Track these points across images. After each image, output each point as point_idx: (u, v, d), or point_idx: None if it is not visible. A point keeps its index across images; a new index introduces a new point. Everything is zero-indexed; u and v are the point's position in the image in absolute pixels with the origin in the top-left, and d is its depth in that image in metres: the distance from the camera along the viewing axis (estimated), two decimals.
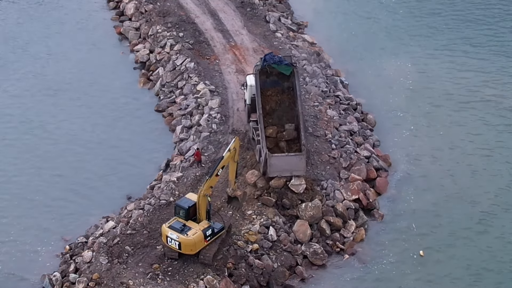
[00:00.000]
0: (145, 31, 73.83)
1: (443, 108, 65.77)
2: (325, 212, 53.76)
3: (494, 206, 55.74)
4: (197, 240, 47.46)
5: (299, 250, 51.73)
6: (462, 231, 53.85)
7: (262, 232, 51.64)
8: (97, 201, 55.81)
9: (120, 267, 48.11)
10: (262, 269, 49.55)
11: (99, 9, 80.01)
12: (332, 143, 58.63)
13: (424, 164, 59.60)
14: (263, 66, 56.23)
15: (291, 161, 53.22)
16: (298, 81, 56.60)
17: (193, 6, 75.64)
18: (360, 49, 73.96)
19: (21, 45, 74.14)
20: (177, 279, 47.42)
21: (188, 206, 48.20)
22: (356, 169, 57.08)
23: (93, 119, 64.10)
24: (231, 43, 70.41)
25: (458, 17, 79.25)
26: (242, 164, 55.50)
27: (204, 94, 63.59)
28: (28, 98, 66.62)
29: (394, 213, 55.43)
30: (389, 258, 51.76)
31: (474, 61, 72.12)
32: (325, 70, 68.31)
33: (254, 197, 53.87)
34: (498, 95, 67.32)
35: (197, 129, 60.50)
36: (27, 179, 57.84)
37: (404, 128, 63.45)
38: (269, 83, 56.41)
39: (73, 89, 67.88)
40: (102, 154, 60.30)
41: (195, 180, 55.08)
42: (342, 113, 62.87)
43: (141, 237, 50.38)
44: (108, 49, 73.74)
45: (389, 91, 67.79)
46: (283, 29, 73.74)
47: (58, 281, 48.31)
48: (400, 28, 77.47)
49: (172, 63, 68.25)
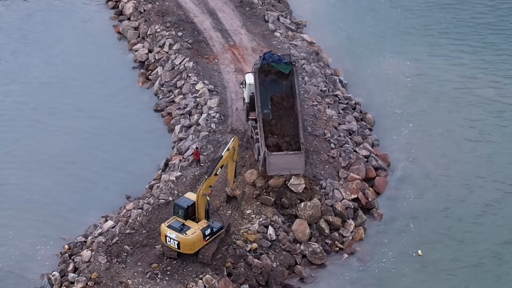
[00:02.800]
0: (144, 30, 73.77)
1: (443, 108, 65.73)
2: (324, 212, 53.73)
3: (494, 205, 55.69)
4: (196, 240, 47.44)
5: (298, 250, 51.70)
6: (461, 230, 53.82)
7: (261, 232, 51.62)
8: (96, 201, 55.77)
9: (119, 267, 48.09)
10: (261, 268, 49.54)
11: (98, 8, 79.85)
12: (331, 143, 58.59)
13: (423, 163, 59.55)
14: (262, 65, 56.17)
15: (290, 160, 53.13)
16: (297, 79, 56.54)
17: (192, 5, 75.56)
18: (359, 48, 73.87)
19: (20, 45, 74.02)
20: (176, 278, 47.40)
21: (187, 205, 48.18)
22: (355, 168, 57.05)
23: (92, 118, 64.00)
24: (230, 42, 70.36)
25: (457, 16, 79.14)
26: (241, 164, 55.45)
27: (203, 94, 63.56)
28: (26, 97, 66.46)
29: (393, 212, 55.42)
30: (388, 258, 51.75)
31: (473, 60, 72.03)
32: (324, 70, 68.26)
33: (253, 196, 53.83)
34: (497, 94, 67.24)
35: (196, 129, 60.46)
36: (26, 178, 57.74)
37: (403, 128, 63.39)
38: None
39: (72, 88, 67.77)
40: (100, 153, 60.22)
41: (194, 179, 55.06)
42: (341, 113, 62.83)
43: (140, 237, 50.35)
44: (107, 48, 73.63)
45: (388, 90, 67.72)
46: (282, 28, 73.68)
47: (57, 281, 48.28)
48: (399, 27, 77.38)
49: (171, 63, 68.19)
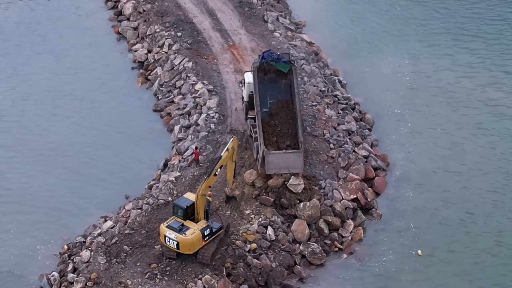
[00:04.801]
0: (143, 30, 73.76)
1: (442, 107, 65.73)
2: (323, 212, 53.73)
3: (493, 204, 55.71)
4: (195, 240, 47.45)
5: (297, 250, 51.70)
6: (460, 230, 53.85)
7: (260, 232, 51.62)
8: (95, 201, 55.78)
9: (118, 267, 48.09)
10: (260, 268, 49.54)
11: (97, 8, 79.85)
12: (330, 143, 58.60)
13: (423, 163, 59.57)
14: (261, 63, 56.17)
15: (289, 158, 53.13)
16: (296, 78, 56.54)
17: (191, 5, 75.58)
18: (359, 48, 73.92)
19: (18, 45, 74.01)
20: (175, 278, 47.41)
21: (186, 205, 48.20)
22: (354, 168, 57.06)
23: (91, 119, 64.01)
24: (229, 42, 70.36)
25: (456, 16, 79.20)
26: (240, 164, 55.47)
27: (202, 94, 63.56)
28: (26, 98, 66.47)
29: (392, 212, 55.43)
30: (387, 258, 51.74)
31: (472, 59, 72.05)
32: (323, 70, 68.27)
33: (252, 196, 53.86)
34: (497, 93, 67.27)
35: (195, 129, 60.46)
36: (25, 178, 57.76)
37: (403, 128, 63.41)
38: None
39: (71, 88, 67.78)
40: (100, 154, 60.22)
41: (193, 179, 55.08)
42: (340, 113, 62.82)
43: (139, 237, 50.36)
44: (106, 48, 73.64)
45: (388, 90, 67.74)
46: (281, 28, 73.68)
47: (56, 281, 48.34)
48: (398, 27, 77.39)
49: (170, 63, 68.20)
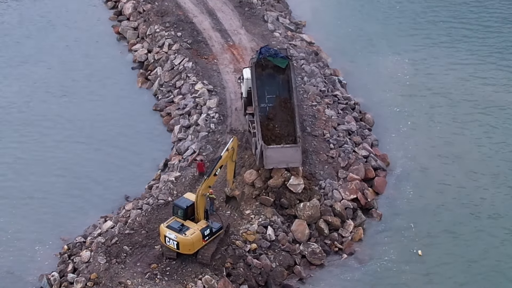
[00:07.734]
0: (143, 30, 73.78)
1: (442, 107, 65.77)
2: (323, 212, 53.73)
3: (493, 204, 55.73)
4: (195, 240, 47.42)
5: (297, 250, 51.69)
6: (460, 230, 53.84)
7: (260, 232, 51.61)
8: (95, 201, 55.76)
9: (118, 267, 48.07)
10: (260, 268, 49.53)
11: (97, 8, 79.95)
12: (330, 143, 58.59)
13: (423, 163, 59.58)
14: (258, 59, 56.17)
15: (287, 153, 53.18)
16: (294, 74, 56.53)
17: (191, 5, 75.60)
18: (358, 48, 73.96)
19: (18, 45, 74.04)
20: (175, 279, 47.39)
21: (186, 206, 48.16)
22: (354, 168, 57.06)
23: (91, 119, 63.98)
24: (229, 42, 70.36)
25: (456, 15, 79.28)
26: (240, 164, 55.47)
27: (202, 94, 63.55)
28: (25, 98, 66.46)
29: (392, 212, 55.43)
30: (387, 258, 51.74)
31: (472, 58, 72.15)
32: (323, 70, 68.28)
33: (252, 196, 53.84)
34: (496, 93, 67.36)
35: (195, 129, 60.46)
36: (25, 178, 57.73)
37: (403, 128, 63.43)
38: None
39: (71, 88, 67.76)
40: (100, 154, 60.21)
41: (193, 179, 55.07)
42: (340, 113, 62.82)
43: (139, 237, 50.35)
44: (106, 48, 73.64)
45: (388, 90, 67.78)
46: (281, 28, 73.69)
47: (56, 281, 48.30)
48: (398, 27, 77.50)
49: (170, 63, 68.21)
